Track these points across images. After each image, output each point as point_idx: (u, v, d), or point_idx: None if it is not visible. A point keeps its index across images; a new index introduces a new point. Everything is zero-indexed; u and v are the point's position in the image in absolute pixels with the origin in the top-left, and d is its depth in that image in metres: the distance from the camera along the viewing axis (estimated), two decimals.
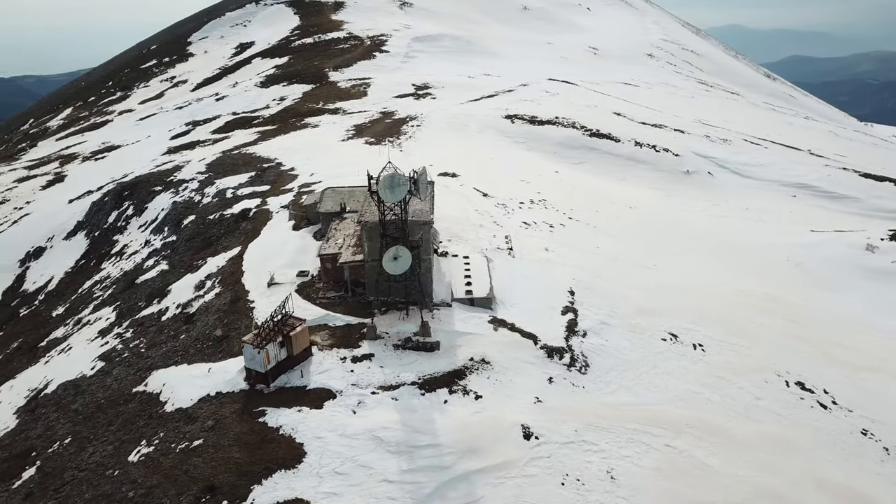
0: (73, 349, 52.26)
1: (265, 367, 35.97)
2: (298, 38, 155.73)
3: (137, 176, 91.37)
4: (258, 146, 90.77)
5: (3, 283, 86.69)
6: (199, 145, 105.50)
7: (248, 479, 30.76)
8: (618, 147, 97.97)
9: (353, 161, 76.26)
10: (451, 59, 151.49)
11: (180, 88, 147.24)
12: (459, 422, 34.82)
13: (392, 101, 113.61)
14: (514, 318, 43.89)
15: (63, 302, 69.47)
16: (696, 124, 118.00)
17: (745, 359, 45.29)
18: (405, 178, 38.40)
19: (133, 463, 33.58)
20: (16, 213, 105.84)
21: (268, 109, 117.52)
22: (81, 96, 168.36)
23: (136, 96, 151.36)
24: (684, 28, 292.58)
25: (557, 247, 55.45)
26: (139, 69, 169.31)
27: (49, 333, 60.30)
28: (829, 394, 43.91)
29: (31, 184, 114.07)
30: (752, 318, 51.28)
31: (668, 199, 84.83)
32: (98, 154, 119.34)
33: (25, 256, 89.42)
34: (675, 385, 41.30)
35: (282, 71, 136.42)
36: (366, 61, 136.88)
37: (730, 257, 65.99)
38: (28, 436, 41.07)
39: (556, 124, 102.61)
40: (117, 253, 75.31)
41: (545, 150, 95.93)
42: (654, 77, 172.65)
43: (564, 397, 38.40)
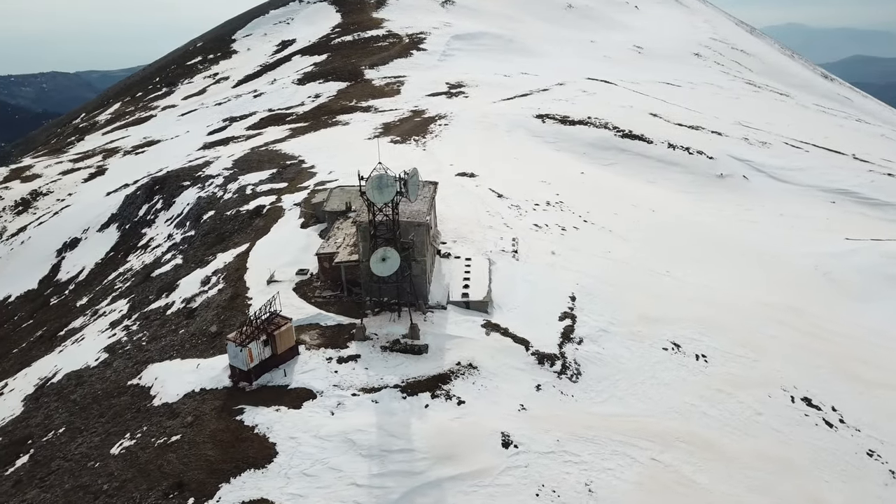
0: (85, 339, 53.60)
1: (248, 365, 36.15)
2: (339, 36, 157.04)
3: (169, 171, 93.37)
4: (286, 143, 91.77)
5: (41, 272, 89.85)
6: (232, 141, 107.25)
7: (217, 477, 30.91)
8: (650, 149, 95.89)
9: (374, 159, 76.39)
10: (489, 57, 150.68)
11: (222, 85, 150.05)
12: (437, 427, 34.36)
13: (424, 100, 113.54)
14: (509, 323, 43.17)
15: (88, 292, 71.43)
16: (736, 126, 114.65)
17: (749, 371, 43.64)
18: (393, 179, 38.08)
19: (114, 455, 34.13)
20: (58, 204, 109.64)
21: (302, 107, 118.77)
22: (130, 91, 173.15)
23: (179, 92, 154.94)
24: (738, 27, 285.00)
25: (566, 250, 54.41)
26: (185, 66, 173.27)
27: (69, 323, 62.03)
28: (837, 411, 41.98)
29: (75, 176, 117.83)
30: (764, 329, 49.39)
31: (696, 203, 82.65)
32: (139, 148, 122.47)
33: (62, 247, 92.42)
34: (670, 396, 40.03)
35: (319, 68, 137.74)
36: (402, 59, 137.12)
37: (754, 265, 63.86)
38: (28, 423, 42.23)
39: (587, 124, 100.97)
40: (143, 246, 77.07)
41: (575, 150, 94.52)
42: (700, 77, 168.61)
43: (551, 406, 37.56)
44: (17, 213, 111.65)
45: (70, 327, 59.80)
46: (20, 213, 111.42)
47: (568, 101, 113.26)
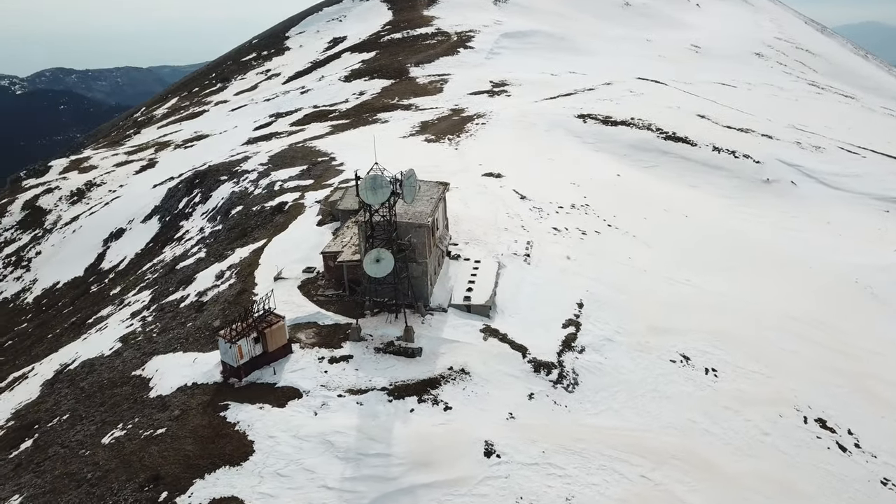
0: (107, 328, 55.18)
1: (237, 361, 36.44)
2: (388, 34, 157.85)
3: (210, 165, 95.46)
4: (323, 140, 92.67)
5: (87, 260, 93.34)
6: (275, 137, 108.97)
7: (192, 473, 31.22)
8: (693, 151, 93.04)
9: (405, 158, 76.32)
10: (538, 55, 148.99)
11: (273, 81, 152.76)
12: (418, 432, 33.92)
13: (465, 98, 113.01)
14: (509, 329, 42.35)
15: (123, 282, 73.67)
16: (789, 130, 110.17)
17: (761, 388, 41.71)
18: (387, 179, 37.77)
19: (103, 445, 34.88)
20: (109, 195, 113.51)
21: (346, 104, 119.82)
22: (187, 87, 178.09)
23: (232, 88, 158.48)
24: (808, 25, 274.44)
25: (582, 255, 53.15)
26: (239, 62, 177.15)
27: (99, 311, 64.04)
28: (854, 435, 39.73)
29: (127, 168, 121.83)
30: (784, 343, 47.18)
31: (737, 209, 79.73)
32: (188, 142, 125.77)
33: (109, 236, 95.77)
34: (671, 411, 38.57)
35: (366, 65, 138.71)
36: (448, 57, 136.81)
37: (788, 275, 61.15)
38: (39, 408, 43.67)
39: (629, 125, 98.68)
40: (178, 238, 79.02)
41: (614, 151, 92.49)
42: (759, 77, 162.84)
43: (541, 415, 36.64)
44: (72, 202, 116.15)
45: (98, 315, 61.73)
46: (75, 202, 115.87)
47: (613, 102, 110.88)
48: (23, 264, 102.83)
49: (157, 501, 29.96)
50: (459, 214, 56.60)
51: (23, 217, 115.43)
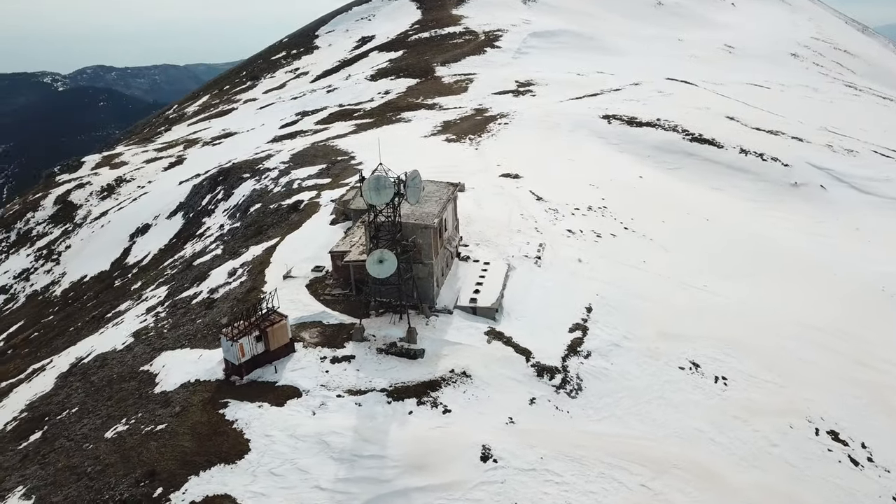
0: (123, 323, 55.99)
1: (239, 359, 36.64)
2: (416, 33, 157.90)
3: (235, 162, 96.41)
4: (345, 139, 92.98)
5: (114, 255, 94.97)
6: (299, 135, 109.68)
7: (187, 469, 31.47)
8: (719, 154, 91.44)
9: (423, 157, 76.26)
10: (566, 55, 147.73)
11: (301, 79, 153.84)
12: (415, 435, 33.75)
13: (490, 98, 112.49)
14: (514, 332, 41.94)
15: (144, 277, 74.75)
16: (821, 132, 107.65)
17: (773, 398, 40.69)
18: (391, 180, 37.62)
19: (106, 439, 35.37)
20: (138, 191, 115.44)
21: (371, 103, 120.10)
22: (219, 85, 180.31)
23: (261, 86, 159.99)
24: (848, 25, 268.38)
25: (594, 258, 52.43)
26: (269, 60, 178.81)
27: (118, 305, 65.06)
28: (868, 448, 38.54)
29: (156, 165, 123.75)
30: (801, 352, 45.98)
31: (762, 213, 78.08)
32: (216, 140, 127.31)
33: (135, 231, 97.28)
34: (676, 420, 37.83)
35: (393, 64, 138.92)
36: (475, 56, 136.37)
37: (813, 282, 59.60)
38: (51, 401, 44.47)
39: (655, 126, 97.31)
40: (200, 234, 79.95)
41: (639, 153, 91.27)
42: (793, 78, 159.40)
43: (542, 421, 36.19)
44: (102, 197, 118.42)
45: (116, 310, 62.69)
46: (105, 197, 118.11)
47: (639, 102, 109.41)
48: (53, 258, 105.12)
49: (151, 497, 30.25)
50: (472, 215, 56.30)
51: (55, 211, 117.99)
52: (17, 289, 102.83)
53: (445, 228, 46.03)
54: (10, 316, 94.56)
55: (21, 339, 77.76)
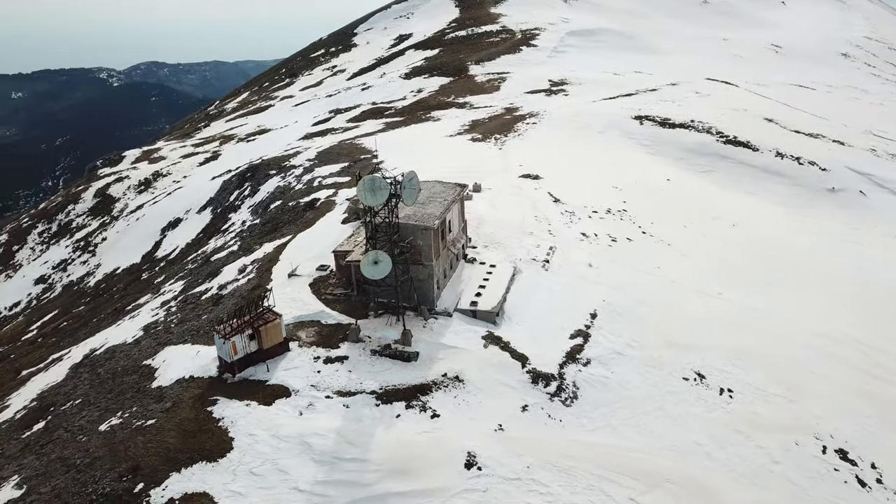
0: (138, 316, 56.94)
1: (231, 357, 36.78)
2: (453, 31, 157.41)
3: (264, 159, 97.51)
4: (372, 137, 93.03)
5: (145, 248, 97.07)
6: (330, 133, 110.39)
7: (170, 466, 31.63)
8: (754, 157, 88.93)
9: (445, 157, 75.98)
10: (604, 54, 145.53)
11: (338, 77, 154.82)
12: (399, 439, 33.34)
13: (521, 97, 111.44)
14: (514, 337, 41.20)
15: (167, 271, 76.07)
16: (865, 135, 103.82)
17: (780, 413, 39.12)
18: (386, 182, 37.27)
19: (99, 432, 35.83)
20: (172, 185, 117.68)
21: (403, 101, 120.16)
22: (259, 81, 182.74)
23: (299, 83, 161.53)
24: None
25: (605, 263, 51.27)
26: (308, 58, 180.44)
27: (139, 298, 66.27)
28: (877, 469, 36.76)
29: (192, 160, 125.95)
30: (814, 365, 44.15)
31: (795, 219, 75.58)
32: (251, 136, 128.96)
33: (167, 225, 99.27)
34: (675, 432, 36.65)
35: (428, 63, 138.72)
36: (510, 55, 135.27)
37: (838, 291, 57.38)
38: (59, 391, 45.40)
39: (688, 128, 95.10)
40: (224, 230, 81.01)
41: (670, 155, 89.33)
42: (842, 79, 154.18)
43: (533, 429, 35.42)
44: (139, 191, 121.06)
45: (136, 303, 63.83)
46: (141, 191, 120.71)
47: (675, 103, 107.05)
48: (89, 249, 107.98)
49: (132, 492, 30.47)
50: (485, 216, 55.68)
51: (94, 204, 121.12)
52: (55, 279, 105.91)
53: (449, 230, 45.50)
54: (47, 305, 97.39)
55: (51, 328, 79.94)
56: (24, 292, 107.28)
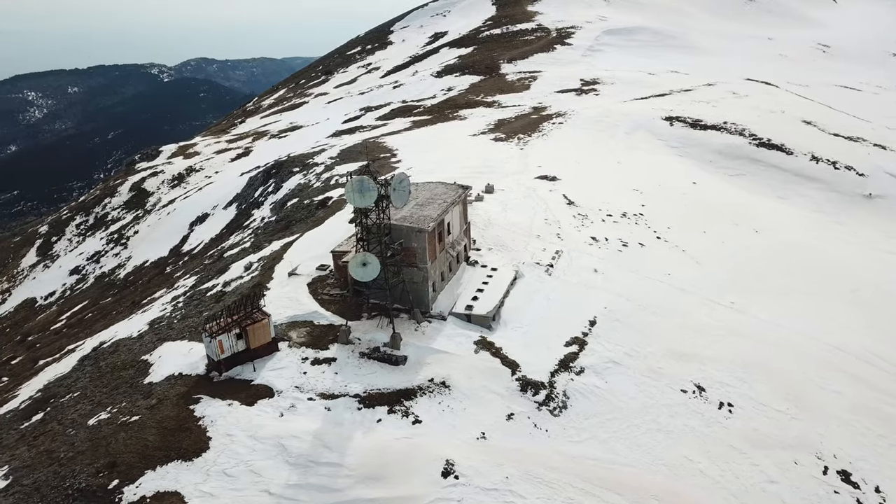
0: (149, 311, 57.72)
1: (217, 356, 36.82)
2: (488, 29, 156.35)
3: (290, 156, 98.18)
4: (396, 136, 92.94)
5: (173, 242, 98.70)
6: (358, 130, 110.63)
7: (146, 463, 31.75)
8: (787, 160, 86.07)
9: (463, 157, 75.35)
10: (641, 53, 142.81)
11: (372, 75, 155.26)
12: (377, 444, 32.87)
13: (551, 96, 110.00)
14: (507, 343, 40.37)
15: (187, 265, 77.10)
16: None
17: (782, 430, 37.46)
18: (374, 183, 36.81)
19: (87, 426, 36.24)
20: (204, 181, 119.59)
21: (432, 99, 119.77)
22: (296, 78, 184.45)
23: (333, 81, 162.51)
24: None
25: (612, 269, 49.97)
26: (345, 55, 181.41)
27: (156, 292, 67.28)
28: (882, 493, 34.89)
29: (225, 156, 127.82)
30: (827, 381, 42.17)
31: (826, 226, 72.87)
32: (283, 133, 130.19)
33: (195, 220, 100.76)
34: (666, 447, 35.36)
35: (461, 61, 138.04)
36: (543, 54, 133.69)
37: (863, 303, 54.85)
38: (62, 383, 46.19)
39: (720, 130, 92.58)
40: (245, 226, 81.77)
41: (699, 157, 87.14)
42: (892, 81, 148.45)
43: (516, 438, 34.57)
44: (172, 185, 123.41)
45: (151, 297, 64.78)
46: (175, 186, 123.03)
47: (708, 104, 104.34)
48: (122, 242, 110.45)
49: (106, 488, 30.66)
50: (493, 218, 54.88)
51: (129, 198, 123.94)
52: (89, 270, 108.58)
53: (448, 232, 44.85)
54: (79, 296, 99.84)
55: (76, 319, 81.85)
56: (60, 282, 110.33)
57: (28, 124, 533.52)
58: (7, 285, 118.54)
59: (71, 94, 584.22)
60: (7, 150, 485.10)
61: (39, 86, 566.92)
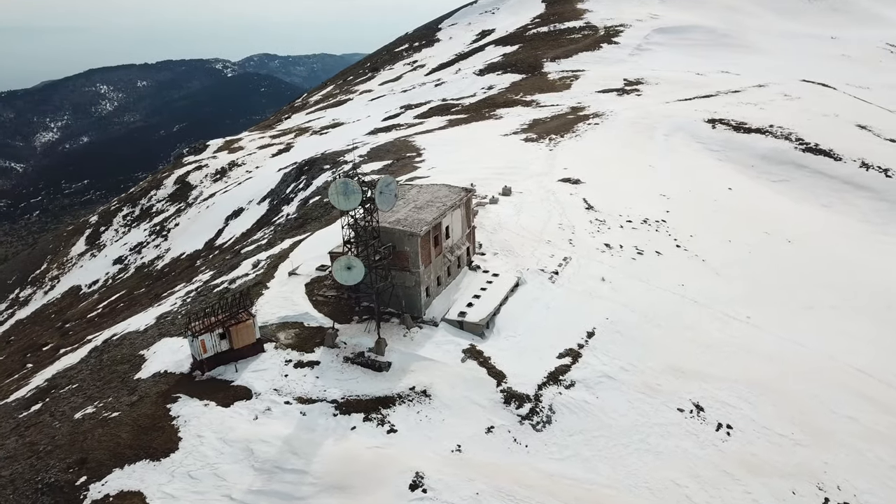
0: (163, 305, 58.46)
1: (200, 355, 36.73)
2: (535, 27, 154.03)
3: (325, 153, 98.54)
4: (427, 135, 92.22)
5: (209, 235, 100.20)
6: (395, 129, 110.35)
7: (115, 461, 31.76)
8: (835, 167, 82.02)
9: (488, 157, 74.09)
10: (691, 52, 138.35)
11: (417, 72, 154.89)
12: (347, 453, 32.15)
13: (591, 96, 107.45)
14: (497, 352, 39.11)
15: (212, 259, 78.05)
16: None
17: (783, 457, 35.21)
18: (358, 186, 36.06)
19: (71, 420, 36.61)
20: (244, 175, 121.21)
21: (472, 98, 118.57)
22: (344, 75, 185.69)
23: (379, 78, 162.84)
24: None
25: (621, 278, 48.04)
26: (392, 52, 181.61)
27: (176, 286, 68.22)
28: None
29: (266, 151, 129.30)
30: (843, 407, 39.52)
31: (871, 237, 69.17)
32: (324, 129, 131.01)
33: (231, 214, 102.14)
34: (653, 469, 33.63)
35: (505, 59, 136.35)
36: (588, 52, 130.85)
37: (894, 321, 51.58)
38: (66, 374, 47.00)
39: (765, 133, 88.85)
40: (273, 222, 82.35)
41: (740, 162, 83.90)
42: None
43: (494, 452, 33.38)
44: (214, 179, 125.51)
45: (171, 290, 65.68)
46: (217, 180, 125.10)
47: (756, 106, 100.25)
48: (163, 233, 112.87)
49: (73, 485, 30.79)
50: (504, 222, 53.56)
51: (174, 191, 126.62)
52: (130, 260, 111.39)
53: (448, 236, 43.80)
54: (119, 285, 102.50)
55: (109, 309, 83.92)
56: (104, 271, 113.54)
57: (100, 116, 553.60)
58: (57, 272, 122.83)
59: (140, 87, 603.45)
60: (80, 140, 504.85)
61: (111, 79, 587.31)
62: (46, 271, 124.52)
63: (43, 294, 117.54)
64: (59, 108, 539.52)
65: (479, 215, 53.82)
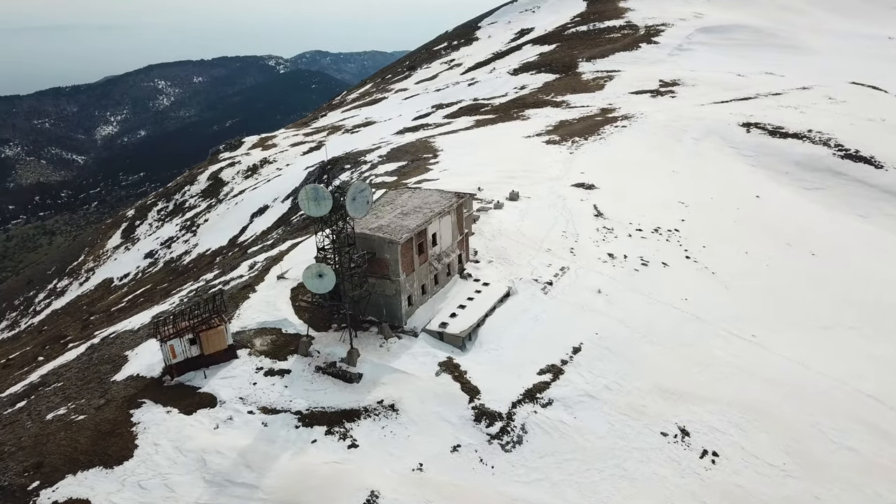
0: (165, 303, 58.60)
1: (169, 360, 36.26)
2: (575, 26, 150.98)
3: (348, 153, 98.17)
4: (450, 136, 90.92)
5: (234, 232, 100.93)
6: (423, 128, 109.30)
7: (69, 467, 31.43)
8: (875, 175, 77.76)
9: (504, 159, 72.45)
10: (734, 53, 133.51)
11: (452, 71, 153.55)
12: (303, 468, 31.17)
13: (623, 98, 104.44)
14: (474, 366, 37.59)
15: (231, 257, 78.28)
16: None
17: (769, 488, 32.82)
18: (328, 192, 35.01)
19: (42, 421, 36.56)
20: (274, 173, 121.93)
21: (503, 98, 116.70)
22: (383, 73, 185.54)
23: (415, 76, 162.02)
24: None
25: (620, 290, 45.87)
26: (431, 51, 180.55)
27: (187, 283, 68.48)
28: None
29: (298, 149, 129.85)
30: (841, 436, 36.73)
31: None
32: (356, 128, 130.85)
33: (256, 211, 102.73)
34: (625, 497, 31.71)
35: (540, 59, 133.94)
36: (625, 52, 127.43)
37: None
38: (56, 372, 47.25)
39: (802, 138, 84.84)
40: (289, 221, 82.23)
41: (773, 168, 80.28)
42: None
43: (457, 473, 31.94)
44: (246, 176, 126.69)
45: (179, 288, 65.93)
46: (248, 177, 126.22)
47: (796, 109, 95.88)
48: (192, 229, 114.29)
49: (25, 489, 30.58)
50: (505, 228, 51.90)
51: (206, 186, 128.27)
52: (161, 254, 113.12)
53: (435, 243, 42.43)
54: (147, 279, 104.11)
55: (130, 302, 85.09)
56: (135, 265, 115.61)
57: (157, 111, 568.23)
58: (92, 264, 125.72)
59: (196, 83, 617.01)
60: (137, 134, 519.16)
61: (168, 75, 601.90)
62: (83, 263, 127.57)
63: (78, 285, 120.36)
64: (118, 102, 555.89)
65: (479, 221, 52.33)
